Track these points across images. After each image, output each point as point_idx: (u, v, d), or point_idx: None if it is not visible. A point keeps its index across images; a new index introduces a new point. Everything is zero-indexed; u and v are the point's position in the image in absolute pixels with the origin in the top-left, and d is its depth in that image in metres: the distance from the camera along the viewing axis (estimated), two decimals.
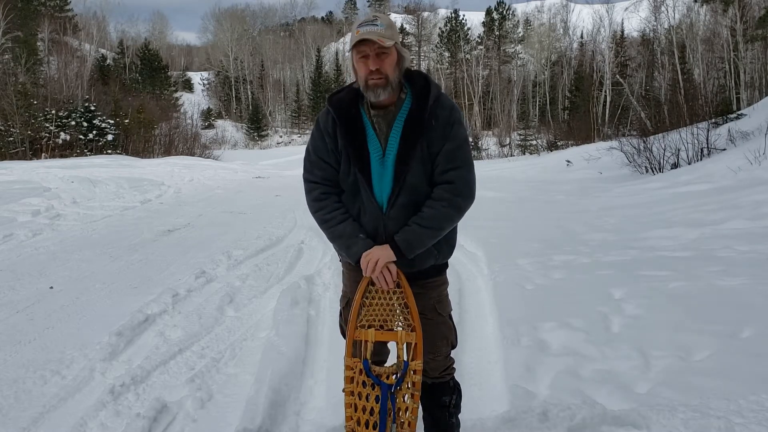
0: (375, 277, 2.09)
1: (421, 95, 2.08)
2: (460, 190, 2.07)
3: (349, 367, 2.17)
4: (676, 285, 4.36)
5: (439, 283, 2.28)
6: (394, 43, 2.03)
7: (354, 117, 2.11)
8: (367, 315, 2.18)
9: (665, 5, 37.65)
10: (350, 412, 2.15)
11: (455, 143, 2.07)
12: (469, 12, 67.78)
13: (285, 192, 13.46)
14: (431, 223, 2.06)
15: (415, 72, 2.16)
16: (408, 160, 2.05)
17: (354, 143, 2.09)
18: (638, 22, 45.91)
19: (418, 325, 2.12)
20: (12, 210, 8.90)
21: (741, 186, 8.67)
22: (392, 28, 2.05)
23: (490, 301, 4.59)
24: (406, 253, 2.07)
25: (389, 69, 2.03)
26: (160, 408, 2.95)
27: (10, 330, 4.11)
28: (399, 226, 2.09)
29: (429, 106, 2.06)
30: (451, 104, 2.11)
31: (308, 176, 2.22)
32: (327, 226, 2.18)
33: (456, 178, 2.06)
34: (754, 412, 2.55)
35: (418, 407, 2.14)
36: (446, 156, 2.06)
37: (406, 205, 2.08)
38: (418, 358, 2.12)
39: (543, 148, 34.72)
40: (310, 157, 2.21)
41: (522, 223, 8.23)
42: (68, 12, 54.51)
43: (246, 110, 59.40)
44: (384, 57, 2.02)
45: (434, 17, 69.81)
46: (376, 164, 2.09)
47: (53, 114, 23.85)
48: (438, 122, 2.06)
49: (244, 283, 5.35)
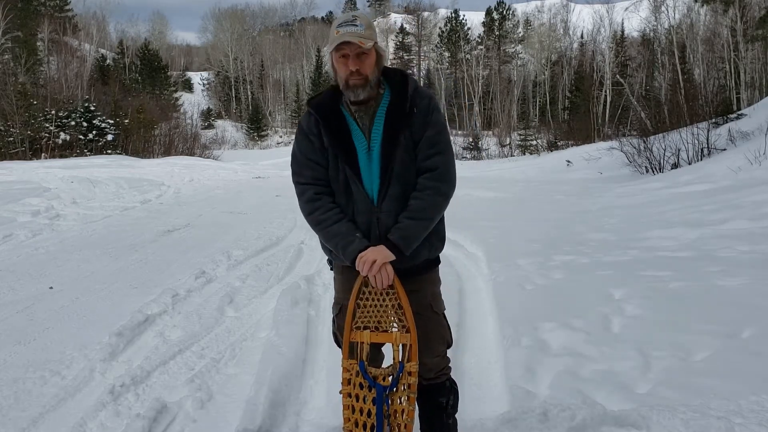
0: (372, 276, 2.08)
1: (400, 88, 2.15)
2: (443, 176, 2.12)
3: (346, 368, 2.17)
4: (676, 285, 4.36)
5: (434, 279, 2.29)
6: (374, 44, 2.08)
7: (336, 114, 2.16)
8: (362, 317, 2.17)
9: (665, 5, 37.68)
10: (348, 413, 2.15)
11: (435, 129, 2.13)
12: (469, 12, 67.78)
13: (285, 192, 13.44)
14: (422, 214, 2.09)
15: (391, 68, 2.22)
16: (393, 150, 2.10)
17: (339, 139, 2.13)
18: (638, 22, 45.96)
19: (413, 326, 2.11)
20: (12, 210, 8.90)
21: (741, 186, 8.67)
22: (371, 28, 2.10)
23: (490, 301, 4.59)
24: (404, 249, 2.08)
25: (368, 69, 2.08)
26: (160, 408, 2.95)
27: (10, 330, 4.11)
28: (391, 218, 2.11)
29: (409, 95, 2.12)
30: (429, 94, 2.19)
31: (298, 179, 2.23)
32: (321, 227, 2.17)
33: (439, 163, 2.11)
34: (754, 413, 2.55)
35: (414, 409, 2.13)
36: (428, 142, 2.11)
37: (397, 196, 2.11)
38: (413, 360, 2.11)
39: (543, 148, 34.71)
40: (297, 159, 2.23)
41: (522, 223, 8.22)
42: (68, 12, 54.51)
43: (246, 110, 59.38)
44: (364, 58, 2.06)
45: (434, 17, 69.83)
46: (363, 157, 2.12)
47: (53, 114, 23.85)
48: (419, 110, 2.12)
49: (244, 284, 5.34)
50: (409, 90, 2.13)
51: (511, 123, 48.36)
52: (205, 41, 77.46)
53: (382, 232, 2.12)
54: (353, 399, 2.15)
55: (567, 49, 57.51)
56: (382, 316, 2.16)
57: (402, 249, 2.07)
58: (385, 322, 2.16)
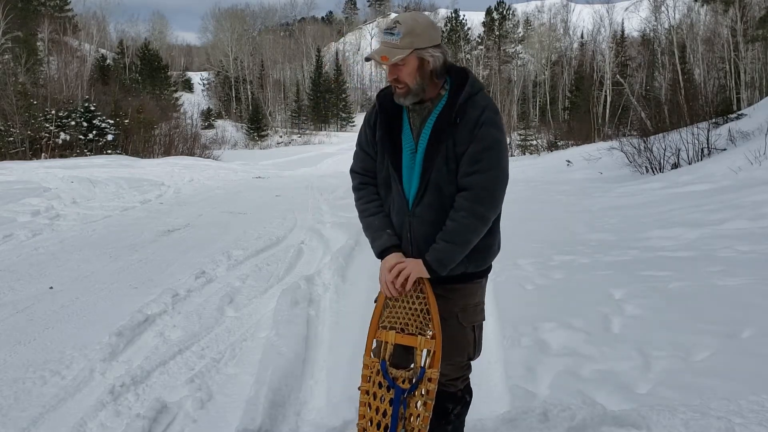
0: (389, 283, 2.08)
1: (456, 92, 2.04)
2: (480, 197, 1.99)
3: (367, 365, 2.16)
4: (676, 285, 4.36)
5: (468, 292, 2.18)
6: (411, 51, 1.96)
7: (394, 110, 2.12)
8: (389, 317, 2.16)
9: (665, 5, 37.67)
10: (363, 410, 2.15)
11: (481, 145, 1.98)
12: (469, 12, 67.86)
13: (285, 192, 13.46)
14: (455, 238, 2.01)
15: (457, 68, 2.11)
16: (433, 158, 2.02)
17: (389, 135, 2.12)
18: (638, 22, 45.96)
19: (439, 334, 2.07)
20: (12, 210, 8.90)
21: (741, 186, 8.67)
22: (412, 35, 1.96)
23: (490, 301, 4.57)
24: (439, 271, 2.04)
25: (408, 78, 2.00)
26: (160, 408, 2.95)
27: (10, 330, 4.11)
28: (424, 225, 2.07)
29: (458, 103, 2.02)
30: (485, 104, 2.02)
31: (352, 167, 2.28)
32: (361, 216, 2.22)
33: (474, 184, 1.99)
34: (754, 413, 2.55)
35: (429, 416, 2.09)
36: (469, 158, 1.99)
37: (432, 204, 2.05)
38: (435, 366, 2.07)
39: (543, 148, 34.66)
40: (356, 149, 2.28)
41: (522, 223, 8.22)
42: (68, 12, 54.51)
43: (246, 110, 59.39)
44: (400, 67, 1.99)
45: (434, 17, 69.82)
46: (408, 159, 2.09)
47: (53, 114, 23.83)
48: (464, 121, 2.00)
49: (244, 284, 5.34)
50: (461, 96, 2.02)
51: (511, 123, 48.35)
52: (205, 41, 77.61)
53: (413, 236, 2.10)
54: (371, 397, 2.14)
55: (567, 49, 57.54)
56: (409, 318, 2.13)
57: (436, 271, 2.04)
58: (412, 325, 2.13)
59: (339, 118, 64.05)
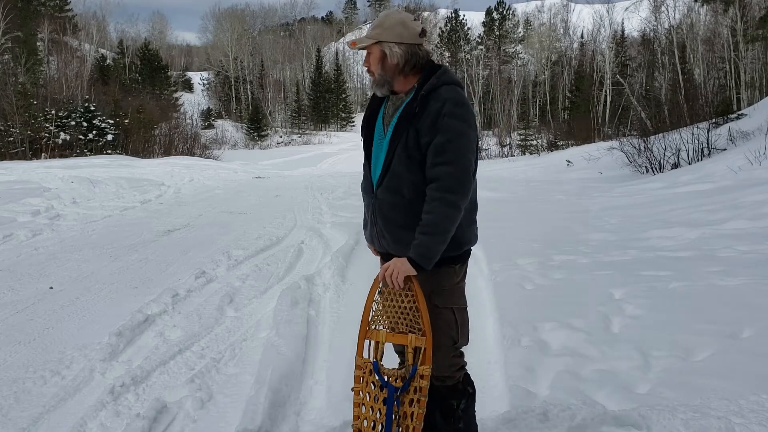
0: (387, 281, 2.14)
1: (421, 85, 2.15)
2: (449, 186, 2.05)
3: (359, 366, 2.17)
4: (676, 285, 4.36)
5: (440, 273, 2.18)
6: (374, 42, 2.15)
7: (378, 101, 2.30)
8: (379, 316, 2.18)
9: (665, 5, 37.66)
10: (357, 411, 2.15)
11: (444, 137, 2.05)
12: (469, 12, 67.84)
13: (285, 192, 13.46)
14: (435, 228, 2.05)
15: (433, 65, 2.20)
16: (395, 146, 2.15)
17: (367, 121, 2.31)
18: (638, 22, 45.90)
19: (428, 330, 2.09)
20: (12, 210, 8.90)
21: (741, 186, 8.68)
22: (380, 27, 2.16)
23: (490, 301, 4.59)
24: (425, 265, 2.07)
25: (373, 66, 2.18)
26: (160, 408, 2.95)
27: (10, 330, 4.11)
28: (384, 206, 2.20)
29: (419, 95, 2.12)
30: (448, 97, 2.08)
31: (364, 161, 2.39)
32: (362, 194, 2.37)
33: (441, 174, 2.05)
34: (754, 413, 2.55)
35: (423, 413, 2.11)
36: (434, 149, 2.07)
37: (390, 188, 2.18)
38: (427, 363, 2.09)
39: (543, 148, 34.65)
40: None
41: (522, 223, 8.23)
42: (68, 12, 54.51)
43: (246, 110, 59.37)
44: (369, 55, 2.19)
45: (434, 17, 69.92)
46: (377, 144, 2.25)
47: (53, 114, 23.83)
48: (426, 113, 2.08)
49: (244, 284, 5.34)
50: (424, 89, 2.12)
51: (511, 123, 48.38)
52: (205, 41, 77.56)
53: (375, 216, 2.24)
54: (364, 397, 2.16)
55: (567, 49, 57.52)
56: (399, 317, 2.16)
57: (423, 266, 2.08)
58: (403, 323, 2.15)
59: (339, 118, 64.04)
